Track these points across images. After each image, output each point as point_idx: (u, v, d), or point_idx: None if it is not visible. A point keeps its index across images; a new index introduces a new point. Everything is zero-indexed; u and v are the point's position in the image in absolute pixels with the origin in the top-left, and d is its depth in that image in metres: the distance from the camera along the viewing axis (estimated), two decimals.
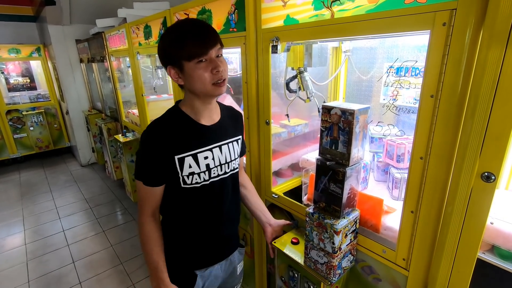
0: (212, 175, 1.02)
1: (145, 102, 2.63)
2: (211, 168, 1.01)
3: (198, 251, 1.10)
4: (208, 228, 1.09)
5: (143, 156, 0.97)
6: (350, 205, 1.03)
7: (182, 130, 0.97)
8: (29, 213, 3.45)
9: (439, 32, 0.73)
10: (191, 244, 1.09)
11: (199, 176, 0.99)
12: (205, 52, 0.87)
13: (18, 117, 4.91)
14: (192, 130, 0.99)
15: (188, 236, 1.08)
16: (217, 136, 1.03)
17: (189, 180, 0.99)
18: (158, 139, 0.94)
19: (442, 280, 0.84)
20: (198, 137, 0.99)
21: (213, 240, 1.11)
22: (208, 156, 1.00)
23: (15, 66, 5.11)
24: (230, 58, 2.10)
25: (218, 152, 1.03)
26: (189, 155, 0.97)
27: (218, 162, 1.03)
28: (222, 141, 1.05)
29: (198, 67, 0.89)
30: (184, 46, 0.87)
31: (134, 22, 2.38)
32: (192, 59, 0.88)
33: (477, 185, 0.72)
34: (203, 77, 0.89)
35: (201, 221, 1.07)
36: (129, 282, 2.33)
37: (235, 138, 1.10)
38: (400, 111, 1.29)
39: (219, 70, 0.90)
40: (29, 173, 4.69)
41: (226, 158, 1.05)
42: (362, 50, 1.48)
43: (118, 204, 3.60)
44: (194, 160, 0.98)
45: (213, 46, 0.89)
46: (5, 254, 2.73)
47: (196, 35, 0.88)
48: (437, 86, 0.76)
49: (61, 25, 4.19)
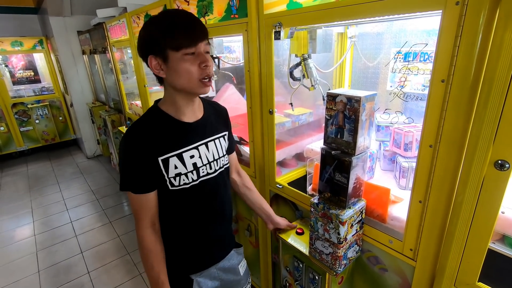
0: (201, 174, 0.98)
1: (147, 93, 2.61)
2: (199, 167, 0.97)
3: (192, 254, 1.06)
4: (201, 229, 1.05)
5: (125, 164, 0.91)
6: (356, 195, 1.00)
7: (163, 130, 0.92)
8: (37, 205, 3.51)
9: (452, 12, 0.68)
10: (185, 247, 1.05)
11: (187, 176, 0.95)
12: (194, 44, 0.83)
13: (24, 110, 4.95)
14: (174, 129, 0.93)
15: (182, 239, 1.04)
16: (202, 133, 0.99)
17: (176, 181, 0.94)
18: (138, 142, 0.89)
19: (450, 270, 0.82)
20: (181, 136, 0.94)
21: (207, 242, 1.07)
22: (194, 155, 0.96)
23: (19, 59, 5.11)
24: (232, 47, 2.06)
25: (205, 150, 0.99)
26: (173, 155, 0.92)
27: (206, 160, 0.99)
28: (207, 138, 1.00)
29: (185, 59, 0.83)
30: (174, 35, 0.81)
31: (134, 11, 2.34)
32: (180, 49, 0.82)
33: (490, 174, 0.69)
34: (189, 71, 0.84)
35: (193, 222, 1.03)
36: (136, 271, 2.37)
37: (221, 134, 1.06)
38: (408, 98, 1.25)
39: (208, 65, 0.86)
40: (37, 166, 4.76)
41: (213, 155, 1.01)
42: (368, 35, 1.43)
43: (124, 195, 3.63)
44: (179, 160, 0.93)
45: (203, 39, 0.85)
46: (15, 245, 2.79)
47: (187, 25, 0.84)
48: (448, 70, 0.72)
49: (62, 16, 4.15)
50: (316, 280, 1.15)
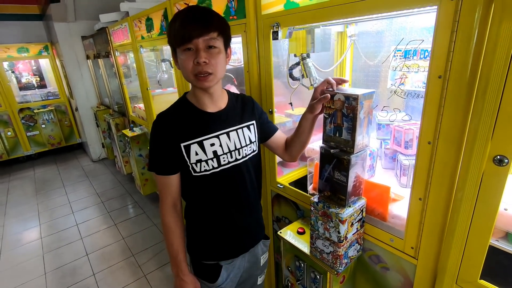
0: (222, 163, 1.01)
1: (150, 96, 2.63)
2: (219, 155, 1.00)
3: (220, 242, 1.09)
4: (226, 217, 1.08)
5: (152, 147, 1.00)
6: (355, 193, 1.00)
7: (186, 118, 0.98)
8: (44, 208, 3.55)
9: (447, 7, 0.68)
10: (213, 234, 1.09)
11: (207, 163, 0.99)
12: (189, 40, 0.85)
13: (30, 115, 5.02)
14: (196, 118, 0.99)
15: (209, 226, 1.08)
16: (223, 123, 1.02)
17: (197, 168, 0.98)
18: (164, 129, 0.96)
19: (452, 268, 0.81)
20: (202, 125, 0.99)
21: (233, 231, 1.10)
22: (214, 143, 0.99)
23: (25, 65, 5.20)
24: (233, 49, 2.05)
25: (226, 139, 1.01)
26: (194, 142, 0.96)
27: (227, 149, 1.01)
28: (229, 127, 1.02)
29: (184, 54, 0.88)
30: (175, 31, 0.87)
31: (136, 15, 2.37)
32: (179, 45, 0.88)
33: (488, 169, 0.68)
34: (186, 66, 0.90)
35: (218, 210, 1.06)
36: (140, 273, 2.38)
37: (246, 124, 1.07)
38: (408, 96, 1.24)
39: (199, 61, 0.87)
40: (43, 170, 4.82)
41: (235, 144, 1.03)
42: (368, 34, 1.43)
43: (128, 198, 3.67)
44: (200, 147, 0.97)
45: (200, 35, 0.85)
46: (22, 248, 2.83)
47: (185, 20, 0.86)
48: (445, 66, 0.72)
49: (67, 22, 4.22)
50: (318, 279, 1.14)
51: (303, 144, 1.12)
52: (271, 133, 1.17)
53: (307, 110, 1.02)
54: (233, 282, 1.14)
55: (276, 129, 1.19)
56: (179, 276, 1.06)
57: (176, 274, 1.06)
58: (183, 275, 1.05)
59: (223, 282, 1.10)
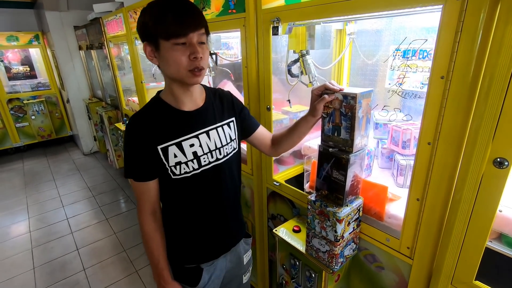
0: (202, 163, 0.97)
1: (144, 89, 2.59)
2: (199, 156, 0.96)
3: (201, 244, 1.06)
4: (207, 218, 1.05)
5: (127, 152, 0.94)
6: (353, 192, 1.00)
7: (162, 119, 0.92)
8: (33, 202, 3.48)
9: (453, 7, 0.67)
10: (194, 237, 1.06)
11: (187, 165, 0.94)
12: (184, 34, 0.80)
13: (20, 105, 4.90)
14: (173, 118, 0.93)
15: (190, 229, 1.05)
16: (202, 122, 0.97)
17: (177, 170, 0.94)
18: (138, 132, 0.91)
19: (448, 269, 0.82)
20: (180, 125, 0.94)
21: (215, 231, 1.07)
22: (194, 144, 0.95)
23: (14, 54, 5.05)
24: (230, 43, 2.04)
25: (206, 139, 0.97)
26: (172, 144, 0.92)
27: (207, 149, 0.97)
28: (208, 126, 0.98)
29: (175, 48, 0.81)
30: (164, 22, 0.79)
31: (131, 6, 2.31)
32: (170, 38, 0.80)
33: (488, 172, 0.68)
34: (178, 61, 0.82)
35: (198, 211, 1.03)
36: (132, 269, 2.36)
37: (226, 121, 1.03)
38: (406, 95, 1.24)
39: (197, 56, 0.82)
40: (32, 162, 4.72)
41: (216, 143, 0.99)
42: (367, 32, 1.42)
43: (120, 192, 3.62)
44: (178, 149, 0.92)
45: (195, 29, 0.82)
46: (10, 242, 2.77)
47: (178, 13, 0.80)
48: (448, 66, 0.71)
49: (59, 11, 4.10)
50: (313, 278, 1.14)
51: (294, 144, 1.11)
52: (253, 130, 1.13)
53: (309, 113, 1.01)
54: (216, 284, 1.12)
55: (258, 125, 1.15)
56: (161, 285, 1.03)
57: (158, 282, 1.03)
58: (165, 283, 1.02)
59: (205, 284, 1.07)
